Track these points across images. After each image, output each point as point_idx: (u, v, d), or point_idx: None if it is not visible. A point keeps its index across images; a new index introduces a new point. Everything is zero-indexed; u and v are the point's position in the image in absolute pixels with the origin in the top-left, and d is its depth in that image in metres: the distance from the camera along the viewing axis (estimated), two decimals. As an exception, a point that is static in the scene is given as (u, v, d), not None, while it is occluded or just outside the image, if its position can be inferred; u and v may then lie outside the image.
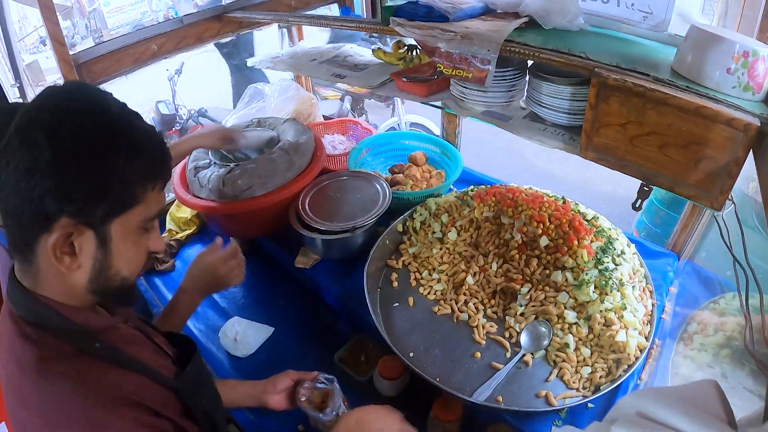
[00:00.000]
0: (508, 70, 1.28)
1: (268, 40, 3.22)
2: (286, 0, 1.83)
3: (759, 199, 1.04)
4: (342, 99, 3.95)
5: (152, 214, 0.73)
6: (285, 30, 1.92)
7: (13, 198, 0.62)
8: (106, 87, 1.63)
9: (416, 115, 3.56)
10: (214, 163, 1.51)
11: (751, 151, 0.90)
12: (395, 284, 1.44)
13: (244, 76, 3.95)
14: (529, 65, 1.33)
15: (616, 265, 1.28)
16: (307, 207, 1.48)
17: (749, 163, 0.92)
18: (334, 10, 2.17)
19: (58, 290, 0.70)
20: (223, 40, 3.30)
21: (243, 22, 1.78)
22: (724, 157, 0.92)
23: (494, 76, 1.27)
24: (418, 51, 1.63)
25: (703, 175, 0.97)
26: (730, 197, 0.98)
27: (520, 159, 4.39)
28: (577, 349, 1.20)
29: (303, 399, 1.18)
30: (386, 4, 1.32)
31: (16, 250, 0.67)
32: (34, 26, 6.04)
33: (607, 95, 1.02)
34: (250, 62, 1.84)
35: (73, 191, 0.62)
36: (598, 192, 3.92)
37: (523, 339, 1.24)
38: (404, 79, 1.42)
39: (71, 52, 1.47)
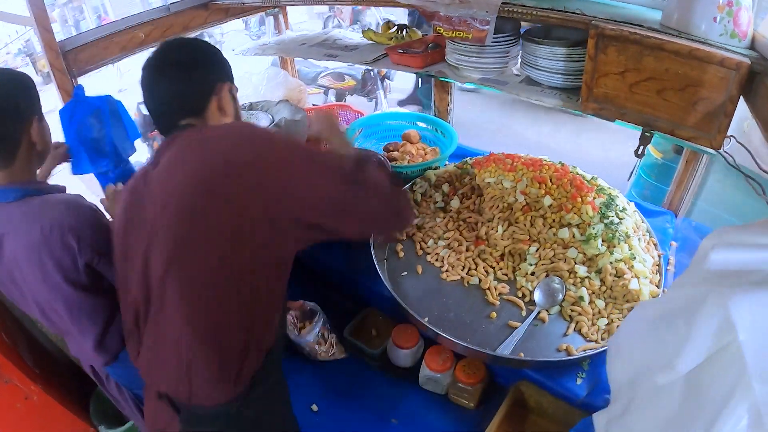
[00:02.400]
0: (501, 37, 1.30)
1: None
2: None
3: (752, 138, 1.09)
4: (326, 93, 3.97)
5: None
6: (272, 18, 1.92)
7: (186, 87, 0.96)
8: (93, 76, 1.61)
9: (399, 108, 3.60)
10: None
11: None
12: (401, 254, 1.42)
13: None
14: (521, 32, 1.36)
15: (620, 219, 1.31)
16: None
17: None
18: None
19: None
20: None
21: (230, 10, 1.77)
22: (719, 96, 0.96)
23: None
24: (407, 30, 1.66)
25: (701, 116, 1.00)
26: (727, 135, 1.03)
27: (513, 135, 4.47)
28: (591, 302, 1.21)
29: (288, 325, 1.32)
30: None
31: (192, 113, 0.97)
32: (5, 42, 5.91)
33: (605, 45, 1.05)
34: (237, 51, 1.83)
35: (219, 68, 1.02)
36: (590, 160, 4.01)
37: (537, 296, 1.24)
38: (400, 51, 1.44)
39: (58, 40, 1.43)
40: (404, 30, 1.65)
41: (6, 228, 1.01)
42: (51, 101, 1.41)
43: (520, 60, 1.36)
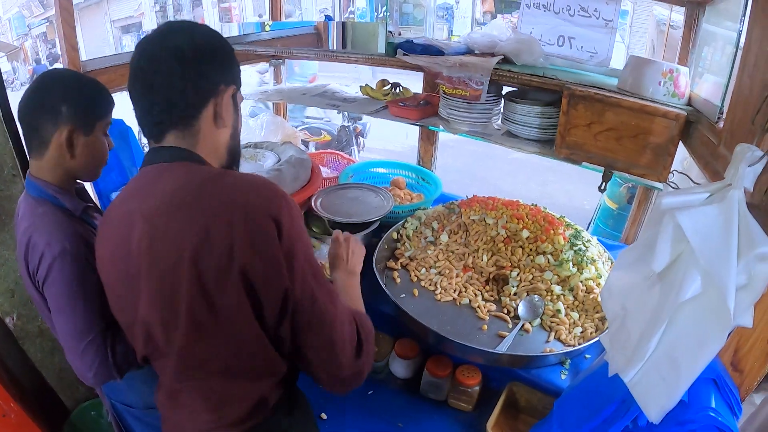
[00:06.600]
0: (487, 96, 1.58)
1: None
2: (273, 43, 2.06)
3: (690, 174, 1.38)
4: (305, 145, 4.20)
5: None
6: (273, 68, 2.13)
7: (184, 85, 0.83)
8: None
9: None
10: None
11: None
12: (398, 280, 1.57)
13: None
14: (503, 93, 1.66)
15: (586, 247, 1.56)
16: (319, 206, 1.61)
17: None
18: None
19: (209, 149, 0.90)
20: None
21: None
22: (664, 140, 1.25)
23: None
24: (401, 88, 1.93)
25: (650, 157, 1.28)
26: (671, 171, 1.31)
27: (487, 184, 5.05)
28: (567, 314, 1.40)
29: None
30: (388, 41, 1.61)
31: (182, 121, 0.86)
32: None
33: (575, 103, 1.33)
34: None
35: (227, 67, 0.89)
36: (556, 204, 4.61)
37: (521, 310, 1.42)
38: (401, 105, 1.68)
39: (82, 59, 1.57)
40: (398, 87, 1.92)
41: (22, 220, 1.06)
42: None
43: (501, 116, 1.64)
